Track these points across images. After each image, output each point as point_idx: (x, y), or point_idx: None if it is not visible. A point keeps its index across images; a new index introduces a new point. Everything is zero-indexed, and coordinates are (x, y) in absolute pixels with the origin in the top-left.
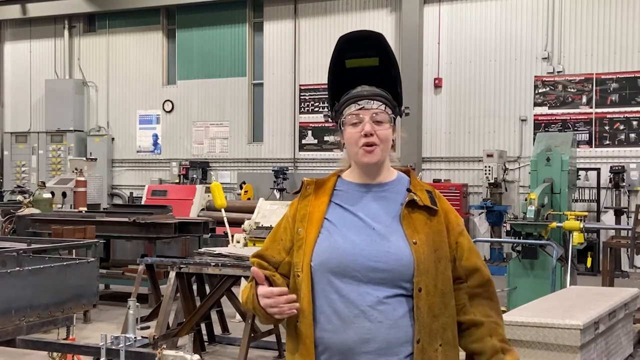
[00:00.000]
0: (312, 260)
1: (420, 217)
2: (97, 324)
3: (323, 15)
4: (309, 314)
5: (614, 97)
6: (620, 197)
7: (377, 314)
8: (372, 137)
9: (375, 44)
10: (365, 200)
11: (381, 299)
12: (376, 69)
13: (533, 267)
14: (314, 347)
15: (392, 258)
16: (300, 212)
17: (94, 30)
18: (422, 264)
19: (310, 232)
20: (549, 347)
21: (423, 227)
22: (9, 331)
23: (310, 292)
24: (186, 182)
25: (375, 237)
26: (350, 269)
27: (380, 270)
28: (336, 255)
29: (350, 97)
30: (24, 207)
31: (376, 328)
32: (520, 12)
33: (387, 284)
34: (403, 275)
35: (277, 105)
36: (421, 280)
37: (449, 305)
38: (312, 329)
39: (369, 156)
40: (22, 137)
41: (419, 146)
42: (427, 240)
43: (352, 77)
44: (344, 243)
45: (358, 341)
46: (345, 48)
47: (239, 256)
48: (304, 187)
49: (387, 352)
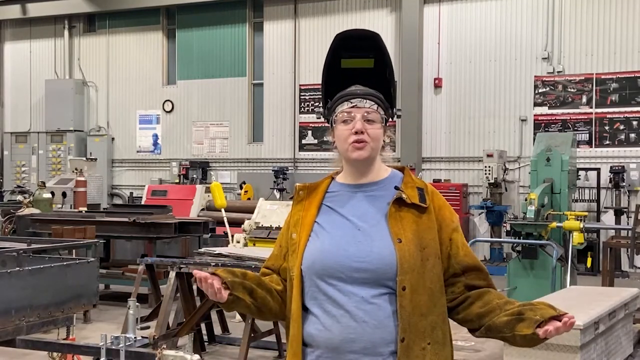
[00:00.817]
0: (302, 264)
1: (408, 215)
2: (97, 324)
3: (323, 15)
4: (297, 316)
5: (614, 97)
6: (620, 197)
7: (362, 313)
8: (363, 135)
9: (372, 44)
10: (354, 201)
11: (366, 299)
12: (371, 70)
13: (533, 267)
14: (304, 346)
15: (374, 257)
16: (293, 217)
17: (94, 30)
18: (407, 263)
19: (302, 236)
20: (549, 347)
21: (410, 225)
22: (9, 331)
23: (300, 295)
24: (186, 182)
25: (360, 237)
26: (334, 270)
27: (364, 270)
28: (321, 258)
29: (342, 95)
30: (24, 207)
31: (360, 328)
32: (520, 12)
33: (372, 283)
34: (386, 274)
35: (277, 105)
36: (405, 278)
37: (438, 304)
38: (300, 329)
39: (358, 152)
40: (22, 137)
41: (419, 146)
42: (413, 238)
43: (347, 76)
44: (329, 245)
45: (343, 340)
46: (341, 46)
47: (239, 256)
48: (296, 192)
49: (371, 352)
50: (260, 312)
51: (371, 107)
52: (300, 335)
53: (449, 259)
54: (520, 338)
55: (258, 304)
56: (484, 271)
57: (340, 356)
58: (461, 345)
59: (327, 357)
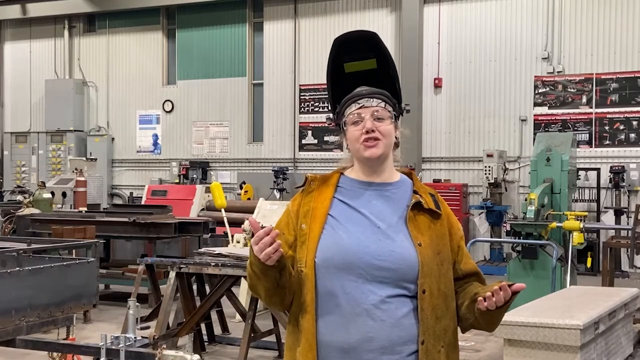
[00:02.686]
0: (316, 256)
1: (425, 220)
2: (97, 324)
3: (323, 15)
4: (311, 310)
5: (614, 97)
6: (620, 197)
7: (380, 312)
8: (374, 133)
9: (371, 45)
10: (368, 197)
11: (384, 298)
12: (375, 71)
13: (533, 267)
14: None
15: (397, 258)
16: (303, 207)
17: (94, 30)
18: (427, 266)
19: (314, 228)
20: (549, 347)
21: (427, 230)
22: (9, 331)
23: (314, 288)
24: (186, 182)
25: (381, 236)
26: (355, 266)
27: (385, 269)
28: (341, 252)
29: (349, 98)
30: (24, 207)
31: (379, 327)
32: (520, 12)
33: (391, 283)
34: (407, 276)
35: (277, 105)
36: (425, 282)
37: (451, 307)
38: (314, 324)
39: (371, 150)
40: (22, 137)
41: (419, 146)
42: (430, 243)
43: (352, 80)
44: (349, 240)
45: (361, 339)
46: (341, 50)
47: (239, 256)
48: (307, 183)
49: (389, 351)
50: (278, 295)
51: (379, 105)
52: (314, 328)
53: (454, 265)
54: (480, 318)
55: (282, 283)
56: (481, 276)
57: (356, 355)
58: (461, 345)
59: (341, 356)
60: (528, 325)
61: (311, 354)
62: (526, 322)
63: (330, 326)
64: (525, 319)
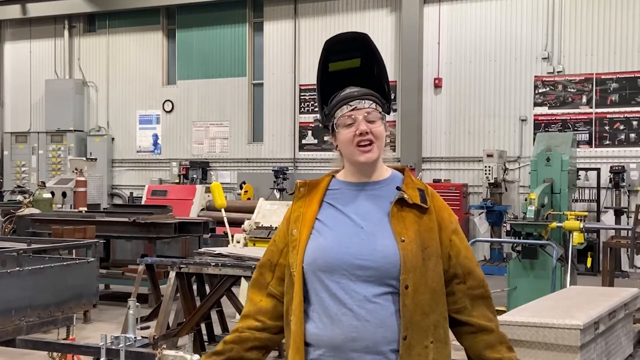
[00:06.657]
0: (303, 260)
1: (410, 215)
2: (97, 324)
3: (323, 15)
4: (299, 312)
5: (614, 97)
6: (620, 197)
7: (365, 312)
8: (368, 135)
9: (358, 45)
10: (357, 199)
11: (369, 297)
12: (359, 69)
13: (533, 267)
14: (305, 344)
15: (378, 256)
16: (294, 213)
17: (94, 30)
18: (409, 262)
19: (303, 232)
20: (548, 347)
21: (412, 225)
22: (9, 331)
23: (302, 291)
24: (186, 182)
25: (363, 236)
26: (338, 268)
27: (368, 268)
28: (323, 255)
29: (341, 99)
30: (24, 207)
31: (363, 327)
32: (520, 12)
33: (375, 282)
34: (390, 273)
35: (277, 105)
36: (408, 277)
37: (440, 303)
38: (302, 326)
39: (366, 155)
40: (22, 137)
41: (419, 146)
42: (415, 238)
43: (336, 79)
44: (331, 242)
45: (345, 339)
46: (330, 51)
47: (239, 256)
48: (297, 188)
49: (373, 350)
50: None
51: (370, 107)
52: (302, 331)
53: (450, 260)
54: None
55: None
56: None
57: (342, 355)
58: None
59: (329, 355)
60: (528, 325)
61: (299, 356)
62: (526, 322)
63: (318, 327)
64: (525, 319)
